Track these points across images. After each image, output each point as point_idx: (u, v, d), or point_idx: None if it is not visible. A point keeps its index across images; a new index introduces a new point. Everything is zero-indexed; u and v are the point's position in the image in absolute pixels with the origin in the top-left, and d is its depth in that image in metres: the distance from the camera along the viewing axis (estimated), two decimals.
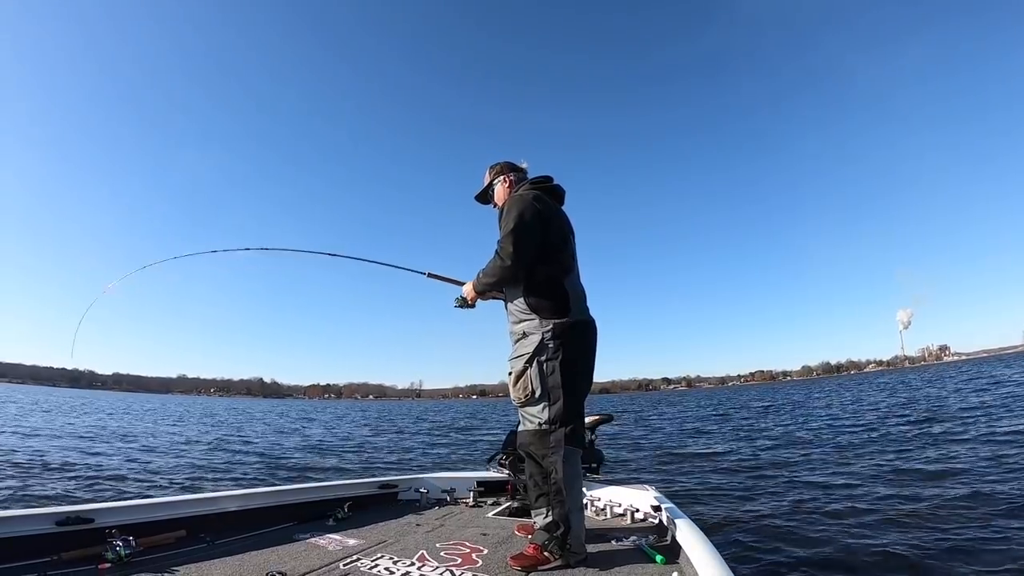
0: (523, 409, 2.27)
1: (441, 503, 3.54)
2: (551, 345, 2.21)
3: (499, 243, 2.28)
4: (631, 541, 2.49)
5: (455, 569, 2.12)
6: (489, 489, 3.70)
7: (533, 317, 2.26)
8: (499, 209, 2.50)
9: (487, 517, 3.13)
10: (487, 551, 2.38)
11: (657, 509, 2.84)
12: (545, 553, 2.15)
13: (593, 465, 3.19)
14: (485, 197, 2.70)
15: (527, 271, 2.28)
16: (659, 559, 2.19)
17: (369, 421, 28.07)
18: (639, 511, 2.97)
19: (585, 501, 2.98)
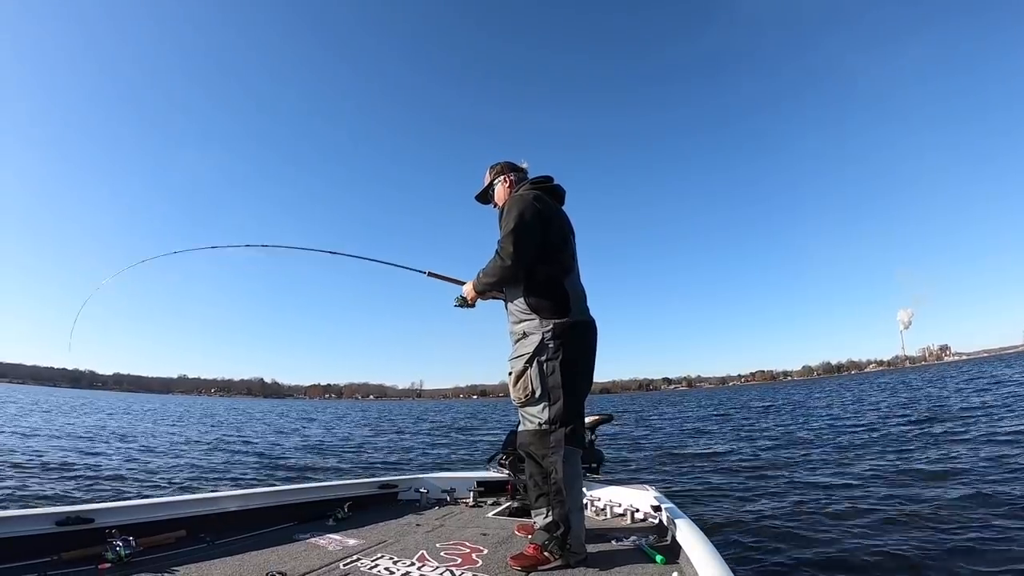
0: (523, 409, 2.27)
1: (441, 503, 3.53)
2: (551, 345, 2.20)
3: (499, 243, 2.28)
4: (631, 541, 2.49)
5: (455, 569, 2.12)
6: (489, 489, 3.70)
7: (533, 317, 2.26)
8: (499, 209, 2.50)
9: (487, 517, 3.13)
10: (487, 551, 2.38)
11: (657, 509, 2.84)
12: (545, 553, 2.15)
13: (593, 465, 3.19)
14: (485, 197, 2.69)
15: (527, 271, 2.27)
16: (659, 559, 2.19)
17: (369, 421, 28.06)
18: (639, 511, 2.97)
19: (585, 501, 2.97)
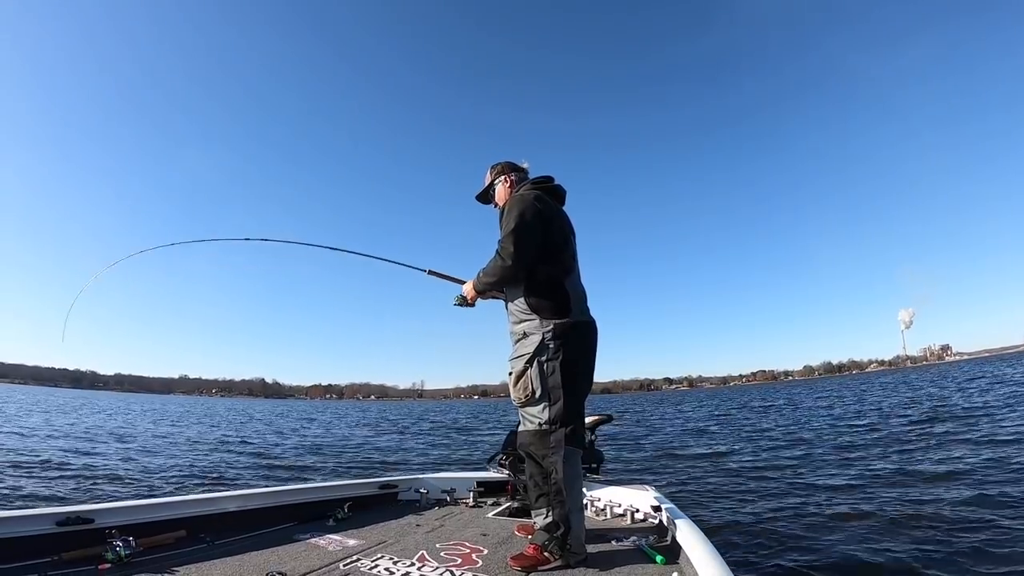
0: (523, 409, 2.26)
1: (441, 503, 3.53)
2: (551, 345, 2.20)
3: (500, 243, 2.28)
4: (631, 541, 2.49)
5: (455, 569, 2.12)
6: (489, 489, 3.69)
7: (534, 317, 2.25)
8: (500, 209, 2.49)
9: (487, 517, 3.12)
10: (487, 551, 2.38)
11: (657, 509, 2.83)
12: (545, 553, 2.15)
13: (593, 465, 3.19)
14: (486, 197, 2.69)
15: (528, 271, 2.27)
16: (659, 559, 2.18)
17: (370, 421, 28.06)
18: (639, 511, 2.96)
19: (585, 501, 2.97)
